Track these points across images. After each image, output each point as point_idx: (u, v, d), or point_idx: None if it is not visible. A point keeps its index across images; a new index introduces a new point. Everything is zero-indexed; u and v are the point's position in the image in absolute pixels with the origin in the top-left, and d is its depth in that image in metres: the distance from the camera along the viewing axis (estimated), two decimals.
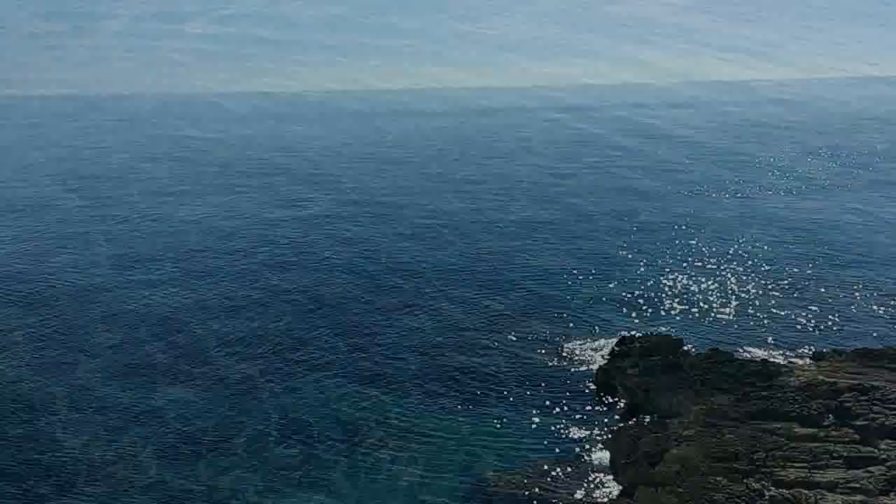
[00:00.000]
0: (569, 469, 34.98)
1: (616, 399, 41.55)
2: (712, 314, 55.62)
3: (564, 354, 48.26)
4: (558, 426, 39.05)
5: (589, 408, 41.14)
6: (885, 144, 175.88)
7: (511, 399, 42.36)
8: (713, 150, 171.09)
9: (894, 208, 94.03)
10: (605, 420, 39.72)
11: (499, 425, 39.35)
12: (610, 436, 36.91)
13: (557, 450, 36.75)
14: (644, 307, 57.33)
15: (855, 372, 37.83)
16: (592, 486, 33.75)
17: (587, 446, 36.95)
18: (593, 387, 43.36)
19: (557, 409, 40.91)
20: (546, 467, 35.15)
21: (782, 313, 55.10)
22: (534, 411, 40.78)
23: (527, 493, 33.32)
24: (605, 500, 32.62)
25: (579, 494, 33.17)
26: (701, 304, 57.89)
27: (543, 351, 48.88)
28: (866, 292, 59.20)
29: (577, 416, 40.15)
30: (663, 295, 60.10)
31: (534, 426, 39.19)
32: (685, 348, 44.59)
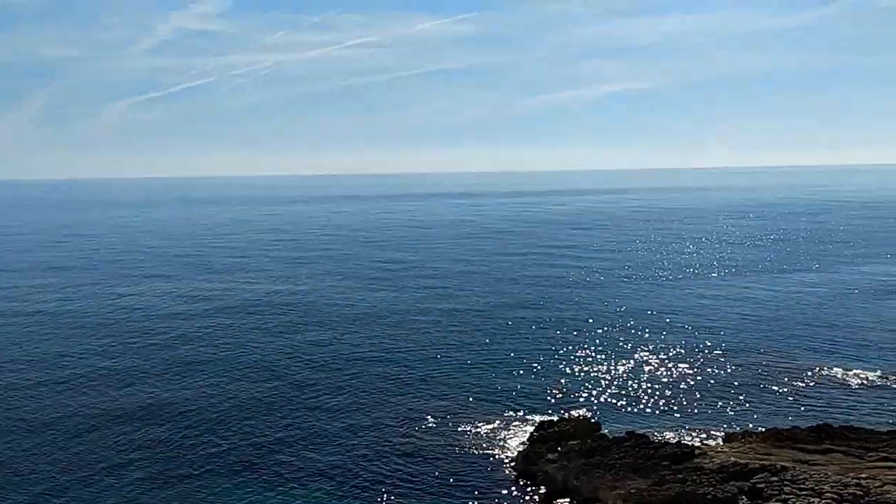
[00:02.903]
0: None
1: (536, 485, 41.27)
2: (628, 397, 56.37)
3: (483, 442, 47.88)
4: None
5: (508, 495, 40.68)
6: (790, 231, 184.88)
7: (428, 490, 41.57)
8: (623, 236, 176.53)
9: (800, 287, 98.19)
10: None
11: None
12: None
13: None
14: (561, 391, 57.72)
15: (765, 453, 38.78)
16: None
17: None
18: (513, 474, 43.03)
19: (476, 500, 40.31)
20: None
21: (695, 395, 56.30)
22: (452, 501, 40.05)
23: None
24: None
25: None
26: (616, 387, 58.67)
27: (461, 439, 48.41)
28: (773, 372, 61.15)
29: None
30: (580, 379, 60.73)
31: None
32: (603, 432, 44.97)
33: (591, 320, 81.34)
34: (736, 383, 58.89)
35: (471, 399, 55.93)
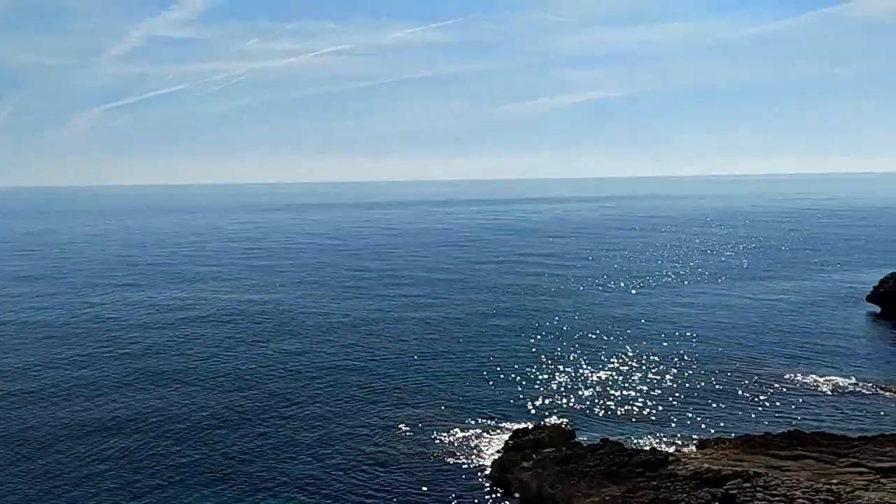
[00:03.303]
0: None
1: (511, 493, 41.14)
2: (602, 404, 56.43)
3: (457, 450, 47.67)
4: None
5: (483, 503, 40.55)
6: (764, 239, 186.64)
7: (403, 499, 41.30)
8: (599, 244, 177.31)
9: (773, 294, 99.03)
10: None
11: None
12: None
13: None
14: (536, 399, 57.67)
15: (737, 459, 38.95)
16: None
17: None
18: (488, 482, 42.87)
19: None
20: None
21: (669, 402, 56.50)
22: None
23: None
24: None
25: None
26: (591, 394, 58.73)
27: (436, 448, 48.17)
28: (746, 379, 61.54)
29: None
30: (555, 387, 60.74)
31: None
32: (578, 439, 44.93)
33: (566, 328, 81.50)
34: (709, 390, 59.18)
35: (445, 407, 55.73)
